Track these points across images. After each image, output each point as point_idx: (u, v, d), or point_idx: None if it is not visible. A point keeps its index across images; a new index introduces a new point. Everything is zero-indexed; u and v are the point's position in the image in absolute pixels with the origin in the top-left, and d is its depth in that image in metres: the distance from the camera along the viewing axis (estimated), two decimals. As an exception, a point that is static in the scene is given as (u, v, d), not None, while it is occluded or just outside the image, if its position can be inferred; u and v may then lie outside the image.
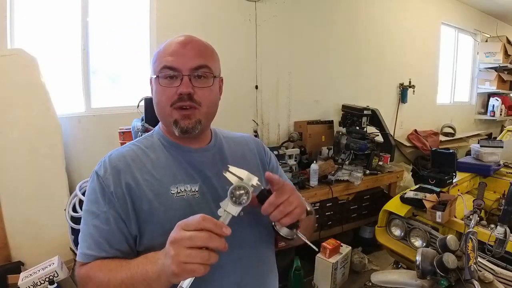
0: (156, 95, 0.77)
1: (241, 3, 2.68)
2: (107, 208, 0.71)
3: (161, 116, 0.79)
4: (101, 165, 0.76)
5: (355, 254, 2.56)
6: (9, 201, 1.85)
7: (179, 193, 0.74)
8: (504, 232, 1.45)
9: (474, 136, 4.66)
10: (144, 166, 0.76)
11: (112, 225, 0.70)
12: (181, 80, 0.73)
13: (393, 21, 3.85)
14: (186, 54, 0.74)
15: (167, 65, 0.73)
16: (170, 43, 0.76)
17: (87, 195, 0.75)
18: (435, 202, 1.80)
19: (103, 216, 0.71)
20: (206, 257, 0.56)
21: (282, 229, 0.71)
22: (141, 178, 0.74)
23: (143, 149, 0.79)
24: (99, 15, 2.23)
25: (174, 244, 0.57)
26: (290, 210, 0.66)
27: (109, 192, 0.72)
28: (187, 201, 0.74)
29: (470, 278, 1.21)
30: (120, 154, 0.77)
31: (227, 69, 3.03)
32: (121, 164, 0.75)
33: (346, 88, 3.46)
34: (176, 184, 0.75)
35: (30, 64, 1.84)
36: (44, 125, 1.88)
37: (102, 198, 0.72)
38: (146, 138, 0.84)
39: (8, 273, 1.76)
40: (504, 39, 4.79)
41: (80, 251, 0.72)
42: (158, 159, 0.78)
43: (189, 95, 0.73)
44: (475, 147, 2.64)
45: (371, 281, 1.59)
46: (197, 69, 0.74)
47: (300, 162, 2.68)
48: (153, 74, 0.77)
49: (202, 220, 0.58)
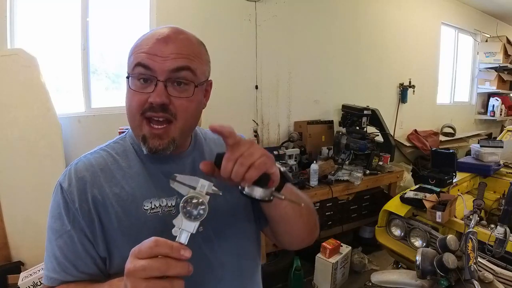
0: (126, 99, 0.65)
1: (241, 3, 2.68)
2: (71, 227, 0.62)
3: (131, 125, 0.67)
4: (65, 175, 0.66)
5: (355, 254, 2.56)
6: (9, 201, 1.85)
7: (153, 209, 0.65)
8: (504, 232, 1.46)
9: (474, 136, 4.65)
10: (114, 176, 0.66)
11: (77, 246, 0.62)
12: (155, 85, 0.61)
13: (393, 21, 3.85)
14: (165, 52, 0.61)
15: (141, 62, 0.61)
16: (150, 35, 0.64)
17: (50, 209, 0.66)
18: (435, 202, 1.80)
19: (67, 236, 0.62)
20: (168, 287, 0.48)
21: (254, 190, 0.56)
22: (110, 191, 0.64)
23: (113, 156, 0.69)
24: (99, 15, 2.22)
25: (130, 276, 0.49)
26: (253, 161, 0.54)
27: (74, 208, 0.62)
28: (162, 219, 0.64)
29: (470, 278, 1.21)
30: (87, 163, 0.67)
31: (227, 69, 3.03)
32: (87, 175, 0.65)
33: (346, 88, 3.46)
34: (150, 199, 0.65)
35: (30, 64, 1.84)
36: (44, 125, 1.88)
37: (66, 215, 0.63)
38: (118, 142, 0.73)
39: (8, 273, 1.76)
40: (504, 39, 4.79)
41: (45, 272, 0.65)
42: (130, 168, 0.68)
43: (162, 106, 0.60)
44: (475, 147, 2.64)
45: (371, 281, 1.59)
46: (176, 71, 0.61)
47: (300, 162, 2.68)
48: (127, 71, 0.65)
49: (154, 245, 0.49)
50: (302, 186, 2.38)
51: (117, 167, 0.67)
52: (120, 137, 0.75)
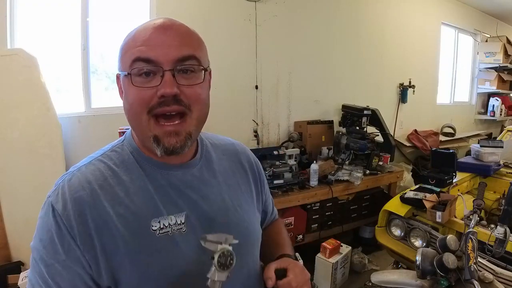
0: (127, 99, 0.58)
1: (241, 3, 2.68)
2: (66, 257, 0.53)
3: (136, 129, 0.60)
4: (57, 194, 0.56)
5: (355, 254, 2.56)
6: (9, 201, 1.85)
7: (162, 229, 0.58)
8: (504, 232, 1.45)
9: (474, 136, 4.65)
10: (116, 193, 0.58)
11: (74, 278, 0.54)
12: (161, 77, 0.54)
13: (393, 21, 3.85)
14: (167, 41, 0.55)
15: (142, 56, 0.54)
16: (144, 28, 0.57)
17: (38, 230, 0.56)
18: (435, 202, 1.80)
19: (62, 266, 0.53)
20: None
21: None
22: (113, 212, 0.56)
23: (112, 168, 0.60)
24: (99, 15, 2.22)
25: None
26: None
27: (69, 236, 0.53)
28: (173, 239, 0.59)
29: (470, 278, 1.20)
30: (82, 178, 0.58)
31: (227, 69, 3.03)
32: (84, 194, 0.56)
33: (346, 88, 3.46)
34: (158, 218, 0.59)
35: (30, 64, 1.84)
36: (44, 125, 1.88)
37: (60, 243, 0.53)
38: (115, 150, 0.64)
39: (8, 273, 1.76)
40: (504, 39, 4.79)
41: None
42: (133, 182, 0.60)
43: (174, 97, 0.55)
44: (475, 147, 2.64)
45: (371, 281, 1.59)
46: (182, 60, 0.56)
47: (300, 162, 2.68)
48: (121, 70, 0.58)
49: None
50: (302, 186, 2.38)
51: (117, 181, 0.59)
52: (116, 143, 0.66)
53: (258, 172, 0.82)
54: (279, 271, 0.69)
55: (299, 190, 2.36)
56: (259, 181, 0.81)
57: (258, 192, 0.80)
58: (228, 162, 0.75)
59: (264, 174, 0.85)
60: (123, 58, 0.58)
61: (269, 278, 0.65)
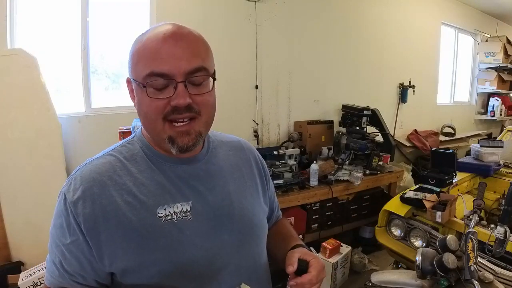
0: (141, 106, 0.62)
1: (241, 3, 2.68)
2: (70, 241, 0.60)
3: (151, 132, 0.65)
4: (70, 184, 0.62)
5: (355, 254, 2.56)
6: (9, 201, 1.85)
7: (168, 216, 0.63)
8: (504, 232, 1.45)
9: (474, 136, 4.65)
10: (124, 183, 0.63)
11: (74, 261, 0.61)
12: (174, 88, 0.59)
13: (393, 21, 3.85)
14: (178, 54, 0.58)
15: (157, 71, 0.58)
16: (155, 36, 0.59)
17: (54, 215, 0.64)
18: (435, 202, 1.80)
19: (66, 248, 0.61)
20: None
21: None
22: (121, 200, 0.61)
23: (122, 161, 0.65)
24: (99, 15, 2.22)
25: None
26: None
27: (75, 222, 0.59)
28: (178, 226, 0.63)
29: (470, 278, 1.21)
30: (93, 170, 0.63)
31: (227, 69, 3.03)
32: (95, 185, 0.61)
33: (346, 88, 3.46)
34: (164, 205, 0.63)
35: (30, 64, 1.84)
36: (44, 125, 1.88)
37: (67, 228, 0.60)
38: (125, 145, 0.69)
39: (8, 273, 1.76)
40: (504, 39, 4.79)
41: (46, 272, 0.66)
42: (141, 174, 0.65)
43: (187, 107, 0.60)
44: (475, 147, 2.64)
45: (371, 281, 1.59)
46: (193, 72, 0.60)
47: (300, 162, 2.68)
48: (134, 77, 0.62)
49: None
50: (302, 186, 2.38)
51: (126, 172, 0.64)
52: (127, 140, 0.71)
53: (263, 168, 0.86)
54: (301, 261, 0.69)
55: (299, 190, 2.36)
56: (264, 176, 0.85)
57: (264, 186, 0.84)
58: (234, 158, 0.79)
59: (268, 171, 0.89)
60: (135, 67, 0.62)
61: (290, 264, 0.67)
